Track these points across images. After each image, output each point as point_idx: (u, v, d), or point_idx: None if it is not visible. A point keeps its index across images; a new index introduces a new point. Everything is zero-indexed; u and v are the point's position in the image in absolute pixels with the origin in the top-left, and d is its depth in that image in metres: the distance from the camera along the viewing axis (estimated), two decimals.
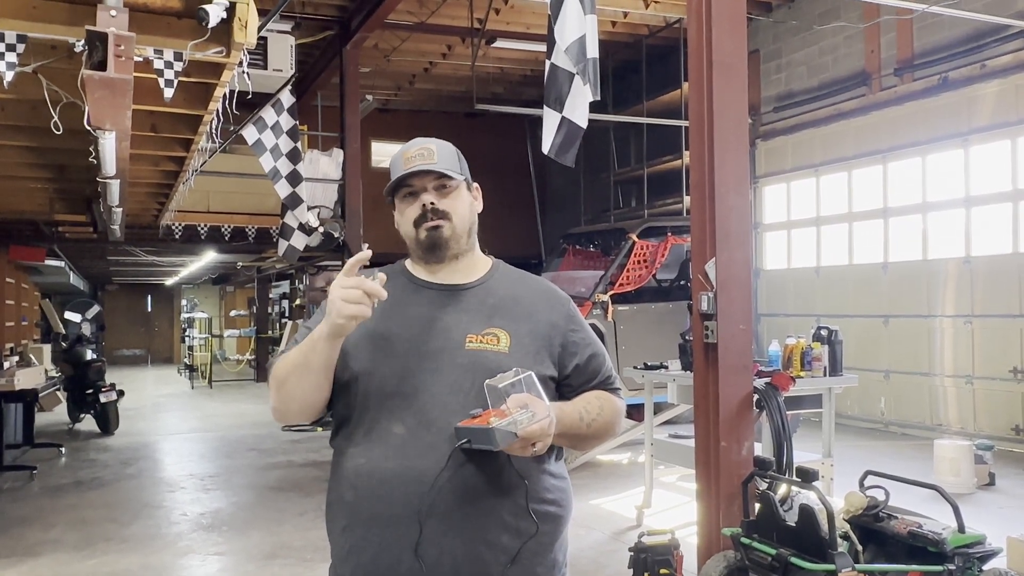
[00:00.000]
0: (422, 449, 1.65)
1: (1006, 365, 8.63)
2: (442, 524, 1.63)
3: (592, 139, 13.19)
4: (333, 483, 1.78)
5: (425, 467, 1.63)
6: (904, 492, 4.04)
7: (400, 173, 1.79)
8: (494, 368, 1.68)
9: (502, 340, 1.75)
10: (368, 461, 1.68)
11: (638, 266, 8.76)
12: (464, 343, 1.73)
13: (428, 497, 1.62)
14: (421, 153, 1.79)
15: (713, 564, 4.08)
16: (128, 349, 27.37)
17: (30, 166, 6.61)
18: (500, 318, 1.78)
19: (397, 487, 1.64)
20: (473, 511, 1.65)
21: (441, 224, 1.78)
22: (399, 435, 1.67)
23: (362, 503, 1.68)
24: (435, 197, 1.78)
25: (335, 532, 1.76)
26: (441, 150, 1.81)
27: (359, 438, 1.72)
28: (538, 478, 1.72)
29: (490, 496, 1.66)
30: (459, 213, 1.81)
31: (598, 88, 4.25)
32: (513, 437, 1.53)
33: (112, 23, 2.78)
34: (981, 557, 3.66)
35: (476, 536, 1.65)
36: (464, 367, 1.71)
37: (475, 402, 1.65)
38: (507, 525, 1.67)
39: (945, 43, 9.26)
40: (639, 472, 6.78)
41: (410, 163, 1.78)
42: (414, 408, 1.69)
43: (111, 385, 10.79)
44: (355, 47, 10.28)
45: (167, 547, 5.69)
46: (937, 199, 9.53)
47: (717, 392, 4.39)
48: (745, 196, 4.54)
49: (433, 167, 1.78)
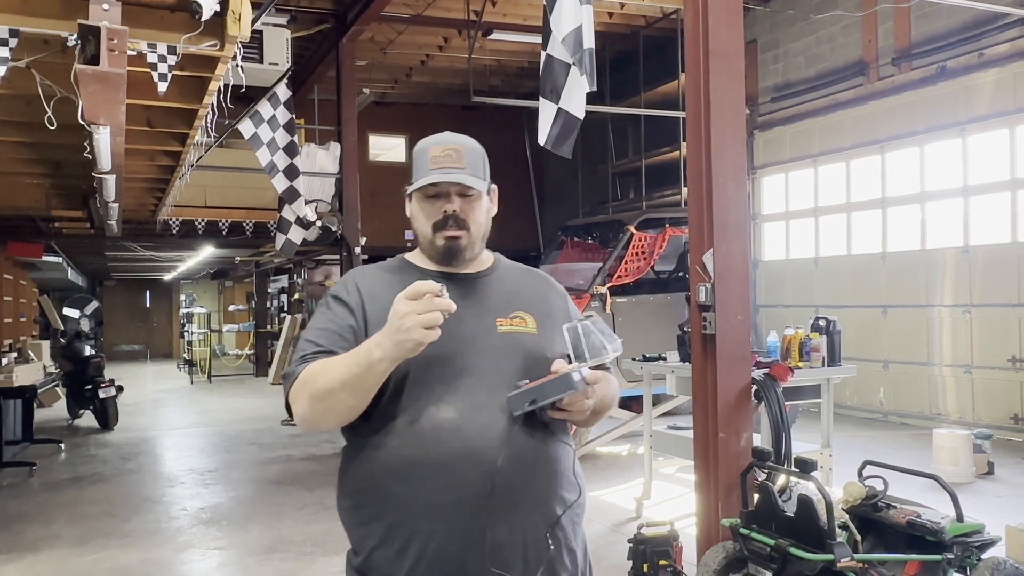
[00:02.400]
0: (478, 430, 1.65)
1: (1005, 354, 8.64)
2: (508, 502, 1.65)
3: (590, 131, 13.17)
4: (365, 480, 1.71)
5: (485, 447, 1.64)
6: (903, 482, 4.04)
7: (426, 174, 1.76)
8: (530, 348, 1.77)
9: (529, 322, 1.82)
10: (421, 450, 1.65)
11: (636, 258, 8.76)
12: (495, 326, 1.77)
13: (494, 477, 1.62)
14: (449, 154, 1.78)
15: (712, 555, 4.08)
16: (127, 344, 27.37)
17: (26, 162, 6.60)
18: (520, 302, 1.84)
19: (459, 472, 1.63)
20: (533, 485, 1.70)
21: (460, 235, 1.78)
22: (451, 420, 1.66)
23: (419, 494, 1.64)
24: (458, 204, 1.78)
25: (377, 530, 1.69)
26: (469, 153, 1.80)
27: (401, 429, 1.67)
28: (570, 448, 1.81)
29: (544, 468, 1.73)
30: (478, 222, 1.81)
31: (594, 79, 4.24)
32: (583, 383, 1.61)
33: (105, 17, 2.77)
34: (980, 546, 3.66)
35: (537, 509, 1.70)
36: (501, 349, 1.74)
37: (524, 379, 1.69)
38: (558, 496, 1.74)
39: (943, 32, 9.23)
40: (638, 464, 6.78)
41: (437, 163, 1.76)
42: (461, 392, 1.68)
43: (110, 381, 10.79)
44: (351, 40, 10.25)
45: (167, 542, 5.69)
46: (935, 189, 9.52)
47: (715, 383, 4.39)
48: (742, 187, 4.53)
49: (460, 176, 1.76)
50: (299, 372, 1.70)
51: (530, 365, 1.74)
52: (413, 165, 1.83)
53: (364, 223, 10.51)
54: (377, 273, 1.88)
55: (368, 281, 1.84)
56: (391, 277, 1.83)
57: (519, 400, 1.64)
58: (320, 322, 1.80)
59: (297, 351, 1.78)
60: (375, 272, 1.89)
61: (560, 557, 1.73)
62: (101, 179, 5.36)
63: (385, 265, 1.92)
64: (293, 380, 1.71)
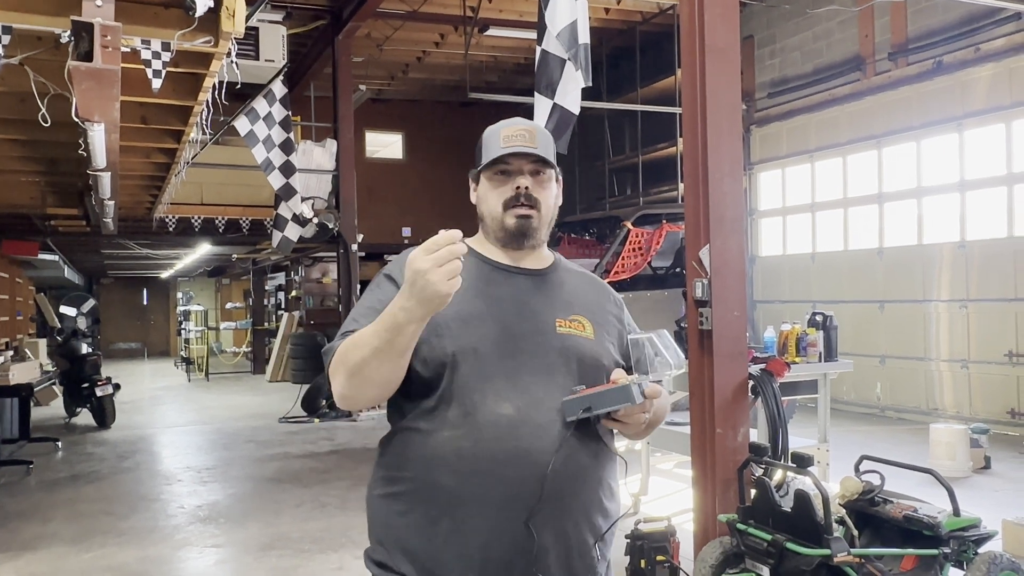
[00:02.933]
0: (534, 430, 1.62)
1: (1001, 349, 8.65)
2: (557, 506, 1.63)
3: (586, 127, 13.16)
4: (411, 468, 1.66)
5: (540, 448, 1.61)
6: (900, 476, 4.05)
7: (498, 149, 1.74)
8: (586, 353, 1.74)
9: (587, 327, 1.78)
10: (476, 443, 1.60)
11: (633, 254, 8.76)
12: (555, 327, 1.73)
13: (546, 481, 1.59)
14: (522, 134, 1.76)
15: (709, 550, 4.09)
16: (124, 342, 27.33)
17: (21, 159, 6.58)
18: (578, 306, 1.81)
19: (512, 470, 1.60)
20: (582, 493, 1.68)
21: (531, 214, 1.75)
22: (508, 416, 1.62)
23: (469, 487, 1.60)
24: (530, 182, 1.75)
25: (418, 520, 1.64)
26: (540, 135, 1.79)
27: (457, 420, 1.62)
28: (615, 459, 1.79)
29: (593, 476, 1.70)
30: (547, 204, 1.78)
31: (589, 74, 4.24)
32: (641, 396, 1.59)
33: (98, 13, 2.76)
34: (976, 540, 3.67)
35: (584, 518, 1.68)
36: (559, 350, 1.71)
37: (573, 384, 1.68)
38: (602, 507, 1.72)
39: (939, 27, 9.23)
40: (635, 459, 6.77)
41: (510, 142, 1.74)
42: (519, 389, 1.65)
43: (107, 379, 10.77)
44: (347, 37, 10.24)
45: (164, 540, 5.69)
46: (932, 184, 9.52)
47: (712, 379, 4.39)
48: (739, 182, 4.53)
49: (534, 151, 1.75)
50: (336, 349, 1.66)
51: (585, 370, 1.72)
52: (483, 148, 1.80)
53: (361, 220, 10.50)
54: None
55: None
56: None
57: (574, 405, 1.62)
58: (368, 300, 1.75)
59: (342, 328, 1.74)
60: None
61: (601, 570, 1.73)
62: (96, 176, 5.34)
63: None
64: (331, 357, 1.67)
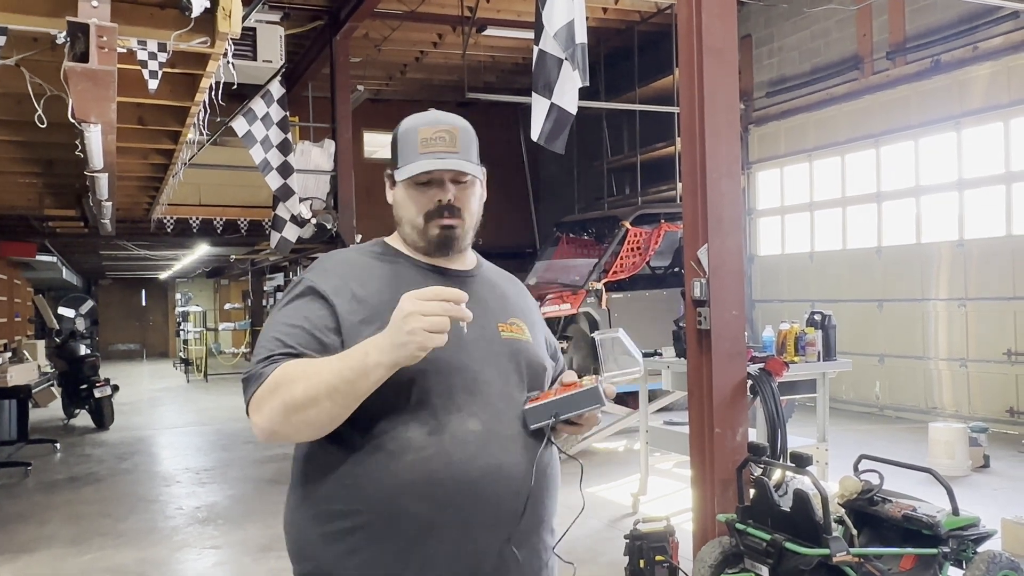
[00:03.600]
0: (503, 444, 1.54)
1: (1000, 347, 8.65)
2: (533, 518, 1.58)
3: (585, 126, 13.16)
4: (368, 499, 1.49)
5: (511, 462, 1.53)
6: (899, 476, 4.05)
7: (415, 158, 1.60)
8: (530, 357, 1.67)
9: (524, 330, 1.71)
10: (448, 465, 1.48)
11: (632, 253, 8.76)
12: (498, 331, 1.65)
13: (528, 497, 1.53)
14: (442, 136, 1.62)
15: (708, 550, 4.08)
16: (123, 344, 27.31)
17: (18, 161, 6.56)
18: (512, 308, 1.74)
19: (488, 487, 1.50)
20: (549, 502, 1.64)
21: (455, 224, 1.64)
22: (477, 432, 1.52)
23: (445, 513, 1.48)
24: (452, 192, 1.63)
25: (378, 558, 1.49)
26: (461, 134, 1.65)
27: (422, 440, 1.49)
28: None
29: (554, 484, 1.66)
30: (471, 210, 1.67)
31: (587, 74, 4.23)
32: (603, 396, 1.54)
33: (94, 14, 2.75)
34: (975, 539, 3.67)
35: (547, 528, 1.64)
36: (507, 356, 1.63)
37: (529, 388, 1.63)
38: (555, 513, 1.68)
39: (937, 26, 9.23)
40: (635, 459, 6.78)
41: (429, 147, 1.61)
42: (481, 402, 1.55)
43: (105, 380, 10.76)
44: (345, 37, 10.22)
45: (163, 541, 5.68)
46: (930, 183, 9.52)
47: (711, 378, 4.39)
48: (736, 182, 4.53)
49: (456, 161, 1.61)
50: (267, 375, 1.47)
51: (532, 374, 1.66)
52: (398, 146, 1.66)
53: (359, 220, 10.48)
54: (360, 259, 1.67)
55: (351, 270, 1.63)
56: (380, 267, 1.65)
57: (539, 413, 1.56)
58: (291, 316, 1.56)
59: (259, 347, 1.54)
60: (357, 259, 1.68)
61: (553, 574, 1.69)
62: (94, 178, 5.33)
63: (366, 251, 1.71)
64: (259, 384, 1.47)
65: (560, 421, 1.56)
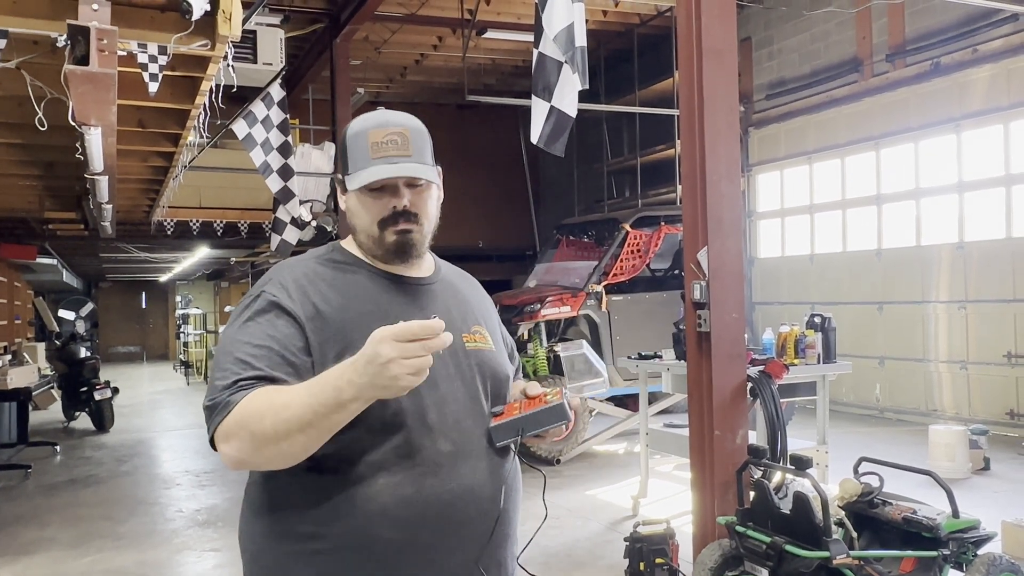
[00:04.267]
0: (473, 464, 1.51)
1: (1000, 350, 8.64)
2: (500, 536, 1.56)
3: (585, 129, 13.17)
4: (339, 523, 1.44)
5: (479, 482, 1.51)
6: (899, 478, 4.04)
7: (366, 164, 1.54)
8: (495, 368, 1.63)
9: (487, 337, 1.67)
10: (419, 489, 1.45)
11: (632, 256, 8.76)
12: (463, 343, 1.60)
13: (497, 516, 1.52)
14: (394, 140, 1.54)
15: (708, 553, 4.08)
16: (123, 346, 27.33)
17: (18, 163, 6.57)
18: (472, 314, 1.69)
19: (460, 510, 1.48)
20: (514, 518, 1.62)
21: (412, 229, 1.57)
22: (448, 453, 1.49)
23: (418, 537, 1.45)
24: (407, 197, 1.56)
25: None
26: (415, 136, 1.57)
27: (392, 463, 1.45)
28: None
29: (518, 499, 1.66)
30: (429, 215, 1.61)
31: (586, 77, 4.23)
32: (568, 412, 1.52)
33: (94, 17, 2.76)
34: (976, 542, 3.66)
35: (512, 543, 1.63)
36: (473, 368, 1.59)
37: (495, 402, 1.60)
38: (517, 526, 1.66)
39: (937, 28, 9.24)
40: (635, 462, 6.78)
41: (380, 151, 1.53)
42: (451, 421, 1.51)
43: (106, 382, 10.77)
44: (345, 40, 10.22)
45: (163, 544, 5.68)
46: (930, 185, 9.52)
47: (711, 381, 4.39)
48: (736, 184, 4.53)
49: (410, 166, 1.54)
50: (233, 405, 1.38)
51: (497, 386, 1.63)
52: (347, 151, 1.59)
53: None
54: (319, 270, 1.59)
55: (310, 284, 1.55)
56: (340, 278, 1.58)
57: (505, 431, 1.53)
58: (254, 335, 1.46)
59: (220, 370, 1.44)
60: (316, 269, 1.59)
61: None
62: (94, 180, 5.34)
63: (324, 258, 1.63)
64: (225, 414, 1.38)
65: (524, 437, 1.54)
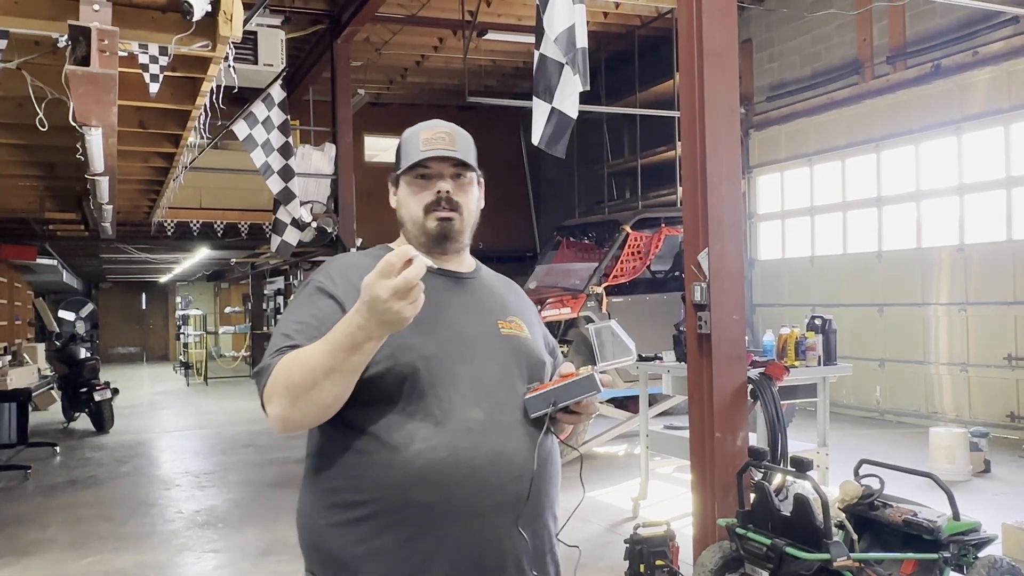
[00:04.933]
0: (505, 431, 1.61)
1: (1000, 352, 8.64)
2: (536, 503, 1.64)
3: (585, 130, 13.17)
4: (377, 489, 1.55)
5: (513, 448, 1.60)
6: (899, 480, 4.04)
7: (418, 153, 1.71)
8: (530, 352, 1.76)
9: (523, 328, 1.79)
10: (452, 453, 1.55)
11: (632, 257, 8.76)
12: (498, 328, 1.74)
13: (531, 482, 1.60)
14: (441, 136, 1.73)
15: (709, 555, 4.08)
16: (123, 347, 27.32)
17: (19, 164, 6.58)
18: (510, 307, 1.82)
19: (492, 473, 1.57)
20: (551, 488, 1.70)
21: (453, 216, 1.72)
22: (479, 421, 1.59)
23: (452, 500, 1.54)
24: (451, 185, 1.72)
25: (388, 545, 1.54)
26: (460, 137, 1.76)
27: (427, 431, 1.55)
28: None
29: (555, 471, 1.73)
30: (469, 208, 1.75)
31: (587, 78, 4.23)
32: (599, 383, 1.60)
33: (95, 17, 2.76)
34: (976, 544, 3.66)
35: (550, 513, 1.70)
36: (507, 351, 1.71)
37: (525, 383, 1.70)
38: (557, 500, 1.74)
39: (937, 30, 9.24)
40: (635, 464, 6.77)
41: (429, 145, 1.71)
42: (483, 392, 1.63)
43: (105, 383, 10.76)
44: (346, 41, 10.23)
45: (162, 545, 5.67)
46: (930, 187, 9.52)
47: (711, 383, 4.39)
48: (737, 186, 4.53)
49: (455, 154, 1.72)
50: (273, 367, 1.55)
51: (533, 368, 1.74)
52: (401, 149, 1.77)
53: (359, 224, 10.48)
54: (363, 261, 1.70)
55: (355, 271, 1.67)
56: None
57: (539, 402, 1.63)
58: (300, 314, 1.65)
59: (270, 345, 1.63)
60: (362, 261, 1.72)
61: (557, 561, 1.74)
62: (94, 181, 5.34)
63: (370, 254, 1.77)
64: (267, 377, 1.55)
65: (559, 409, 1.62)
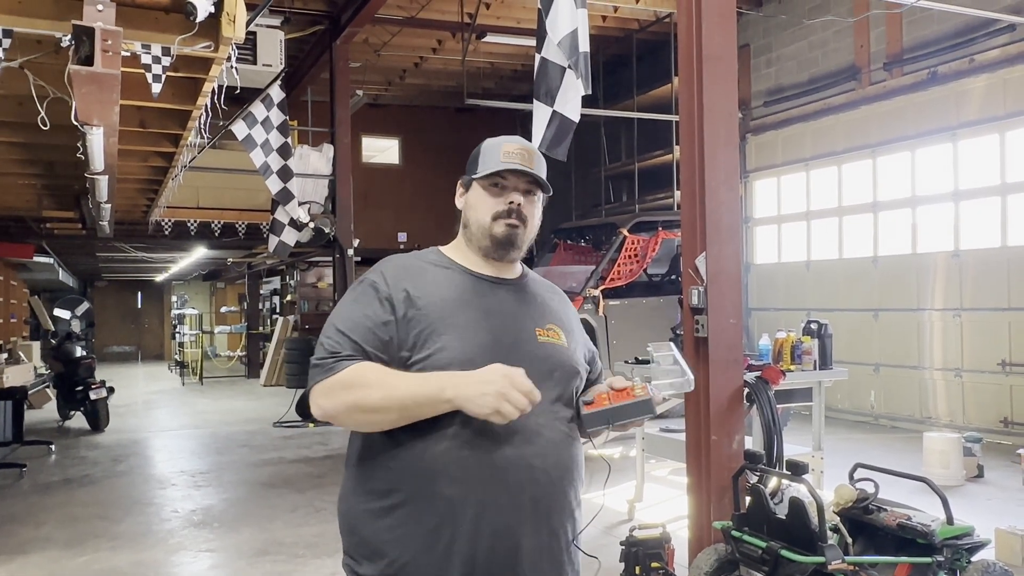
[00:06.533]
0: (530, 435, 1.70)
1: (994, 358, 8.68)
2: (555, 506, 1.74)
3: (583, 134, 13.12)
4: (408, 480, 1.68)
5: (533, 452, 1.70)
6: (893, 485, 4.06)
7: (498, 163, 1.81)
8: (564, 360, 1.82)
9: (561, 335, 1.86)
10: (477, 451, 1.66)
11: (629, 260, 8.79)
12: (536, 336, 1.81)
13: (546, 483, 1.70)
14: (522, 153, 1.84)
15: (704, 557, 4.09)
16: (118, 346, 27.26)
17: (18, 162, 6.57)
18: (551, 315, 1.89)
19: (513, 475, 1.67)
20: (570, 491, 1.78)
21: (518, 226, 1.82)
22: (505, 423, 1.66)
23: (472, 495, 1.65)
24: (522, 200, 1.83)
25: (417, 533, 1.67)
26: (537, 157, 1.87)
27: (456, 429, 1.66)
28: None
29: (576, 474, 1.81)
30: (533, 223, 1.87)
31: (589, 82, 4.26)
32: (655, 408, 1.71)
33: (99, 18, 2.77)
34: (969, 549, 3.68)
35: (568, 514, 1.79)
36: (544, 359, 1.78)
37: (560, 390, 1.78)
38: (578, 501, 1.82)
39: (934, 37, 9.29)
40: (631, 466, 6.78)
41: (510, 158, 1.81)
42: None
43: (101, 382, 10.74)
44: (345, 42, 10.26)
45: (158, 544, 5.67)
46: (926, 193, 9.56)
47: (708, 386, 4.40)
48: (735, 190, 4.55)
49: (533, 172, 1.83)
50: (339, 370, 1.67)
51: (565, 377, 1.81)
52: (481, 155, 1.86)
53: (357, 225, 10.50)
54: (418, 264, 1.85)
55: (410, 276, 1.80)
56: (433, 271, 1.82)
57: (597, 419, 1.72)
58: (354, 312, 1.75)
59: (326, 336, 1.74)
60: (413, 263, 1.85)
61: (576, 564, 1.82)
62: (94, 180, 5.34)
63: (422, 257, 1.88)
64: (330, 375, 1.68)
65: (612, 427, 1.73)
